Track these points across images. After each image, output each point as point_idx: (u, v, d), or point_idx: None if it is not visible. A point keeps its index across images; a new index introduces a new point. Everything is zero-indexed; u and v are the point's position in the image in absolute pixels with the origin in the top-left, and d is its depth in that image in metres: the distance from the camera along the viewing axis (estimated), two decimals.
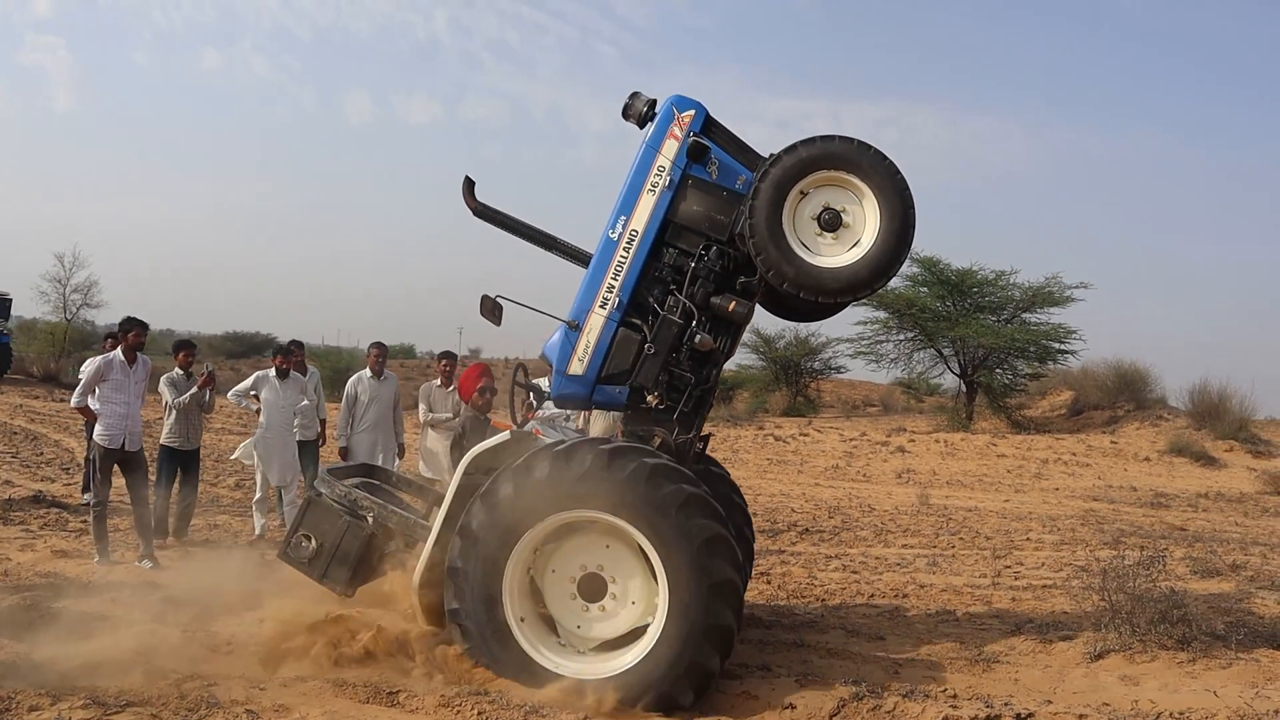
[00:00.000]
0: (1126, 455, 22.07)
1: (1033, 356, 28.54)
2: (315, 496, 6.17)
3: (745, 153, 5.86)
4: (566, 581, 5.36)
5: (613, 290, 5.71)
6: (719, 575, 5.02)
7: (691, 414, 5.83)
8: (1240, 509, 16.36)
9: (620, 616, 5.31)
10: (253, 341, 51.91)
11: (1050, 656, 6.38)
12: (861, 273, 5.51)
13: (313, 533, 6.02)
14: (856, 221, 5.60)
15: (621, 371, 5.74)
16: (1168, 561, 9.88)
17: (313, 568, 6.04)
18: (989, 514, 14.34)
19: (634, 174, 5.77)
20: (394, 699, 5.16)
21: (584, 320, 5.73)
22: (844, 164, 5.51)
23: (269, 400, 9.51)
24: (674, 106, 5.77)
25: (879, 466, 20.40)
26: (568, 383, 5.79)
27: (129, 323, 8.51)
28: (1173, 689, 5.64)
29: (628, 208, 5.75)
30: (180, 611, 6.67)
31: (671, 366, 5.74)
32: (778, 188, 5.49)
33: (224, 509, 11.30)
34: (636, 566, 5.28)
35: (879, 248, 5.50)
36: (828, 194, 5.63)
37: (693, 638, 4.99)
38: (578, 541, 5.36)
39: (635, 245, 5.72)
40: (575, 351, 5.73)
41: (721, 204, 5.76)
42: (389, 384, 10.31)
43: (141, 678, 5.28)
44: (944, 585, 8.69)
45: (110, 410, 8.33)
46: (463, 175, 6.22)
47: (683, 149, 5.70)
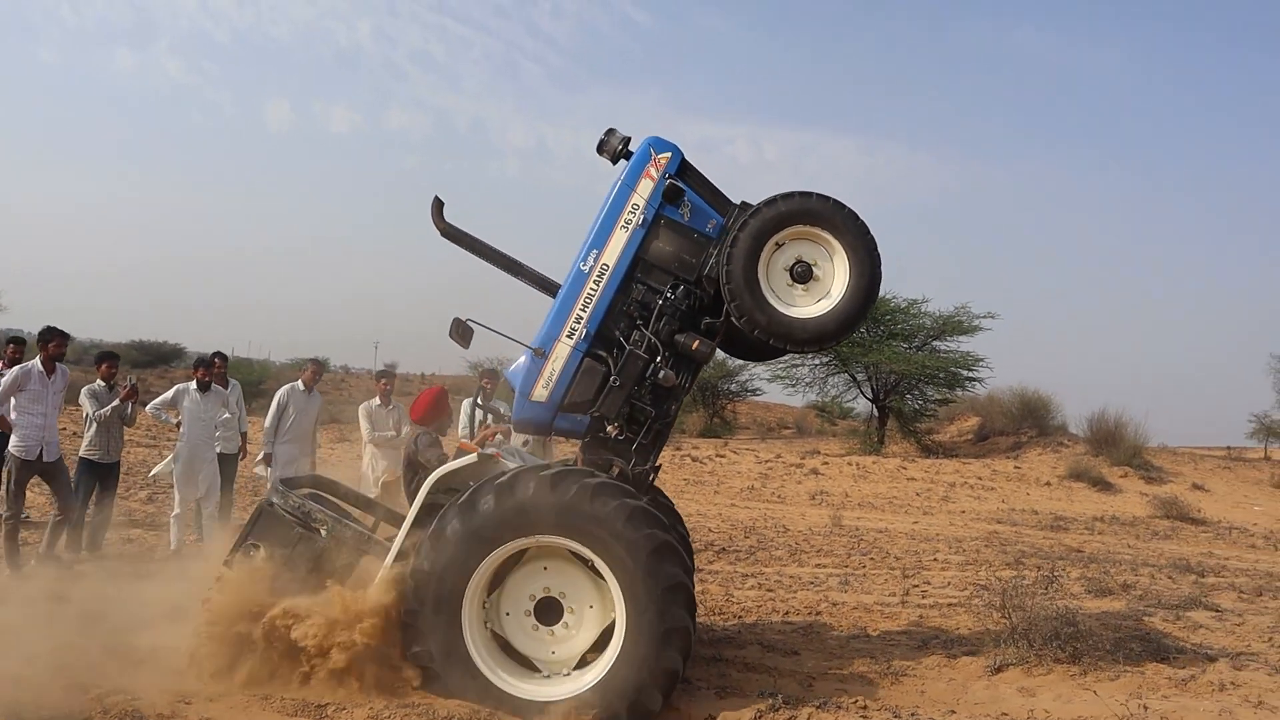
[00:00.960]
0: (1029, 480, 22.84)
1: (942, 383, 29.29)
2: (268, 506, 6.14)
3: (717, 197, 6.07)
4: (523, 617, 5.53)
5: (580, 321, 5.86)
6: (670, 580, 5.22)
7: (649, 446, 5.99)
8: (1133, 532, 17.12)
9: (585, 624, 5.50)
10: (160, 351, 50.33)
11: (954, 670, 6.70)
12: (829, 325, 5.79)
13: (262, 542, 6.01)
14: (826, 275, 5.88)
15: (584, 400, 5.88)
16: (1064, 581, 10.39)
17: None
18: (899, 535, 14.78)
19: (608, 209, 5.94)
20: (322, 712, 5.24)
21: (550, 348, 5.87)
22: (820, 220, 5.77)
23: (190, 413, 9.43)
24: (651, 147, 5.96)
25: (793, 488, 20.80)
26: (530, 408, 5.92)
27: (49, 332, 8.38)
28: (1066, 699, 6.00)
29: (600, 242, 5.91)
30: (98, 626, 6.60)
31: (634, 399, 5.90)
32: (756, 238, 5.72)
33: (136, 523, 11.12)
34: (578, 574, 5.49)
35: (846, 302, 5.78)
36: (801, 247, 5.90)
37: (654, 643, 5.18)
38: (517, 576, 5.54)
39: (605, 279, 5.88)
40: (540, 378, 5.87)
41: (692, 245, 5.96)
42: (316, 400, 10.40)
43: (61, 693, 5.26)
44: (855, 603, 9.00)
45: (27, 421, 8.17)
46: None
47: (658, 189, 5.89)
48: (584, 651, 5.48)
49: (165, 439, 20.02)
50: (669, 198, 5.92)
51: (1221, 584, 11.20)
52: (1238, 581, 11.42)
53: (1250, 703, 6.01)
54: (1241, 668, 6.82)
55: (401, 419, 10.46)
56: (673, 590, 5.22)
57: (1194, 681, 6.41)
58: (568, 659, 5.49)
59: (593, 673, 5.31)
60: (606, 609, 5.44)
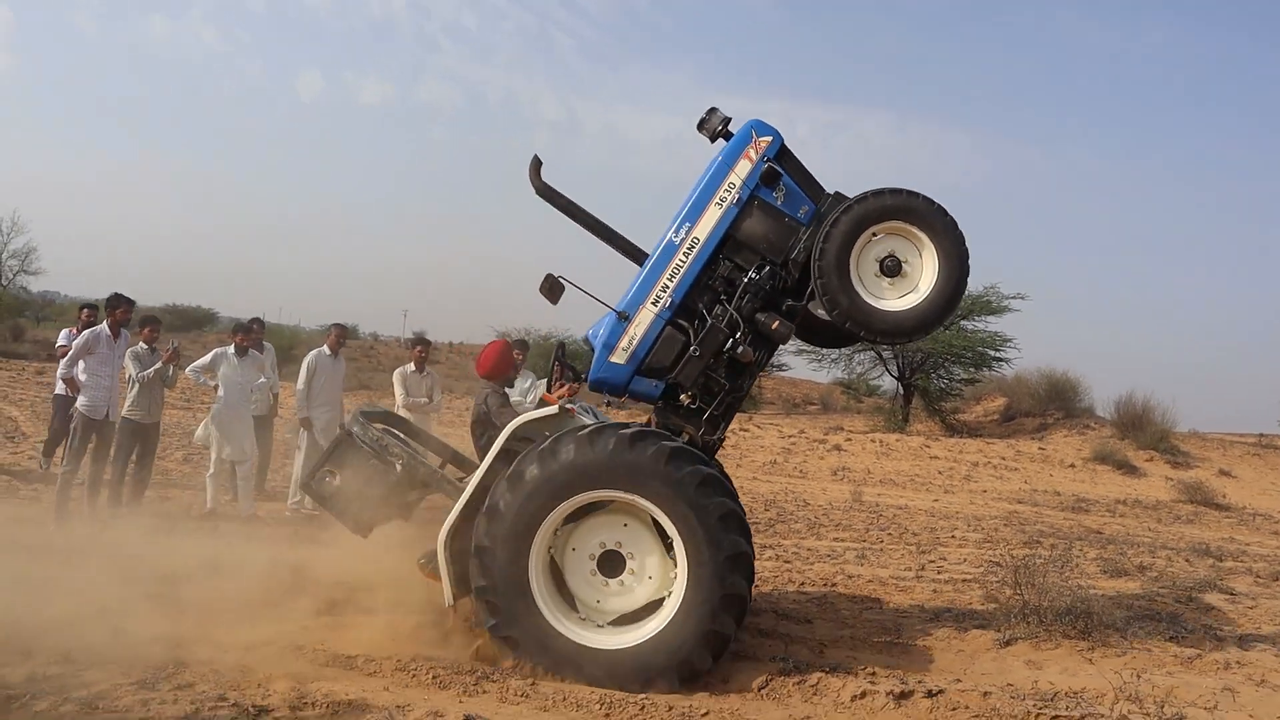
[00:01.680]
0: (1053, 461, 22.86)
1: (969, 363, 29.28)
2: (346, 436, 6.32)
3: (811, 184, 6.24)
4: (586, 559, 5.72)
5: (666, 290, 6.04)
6: (734, 548, 5.46)
7: (719, 417, 6.19)
8: (1154, 515, 17.16)
9: (637, 591, 5.70)
10: (194, 315, 50.98)
11: (964, 642, 6.86)
12: (907, 321, 5.97)
13: (339, 470, 6.22)
14: (914, 273, 6.04)
15: (662, 367, 6.07)
16: (1080, 561, 10.53)
17: (332, 503, 6.25)
18: (918, 512, 14.92)
19: (704, 185, 6.11)
20: (352, 662, 5.49)
21: (634, 313, 6.05)
22: (919, 220, 5.95)
23: (227, 377, 9.70)
24: (753, 130, 6.12)
25: (815, 463, 20.94)
26: (608, 369, 6.10)
27: (116, 299, 8.75)
28: (1071, 673, 6.15)
29: (693, 216, 6.08)
30: (139, 577, 6.88)
31: (710, 371, 6.10)
32: (855, 226, 5.88)
33: (173, 482, 11.45)
34: (653, 544, 5.69)
35: (930, 302, 5.96)
36: (895, 243, 6.06)
37: (711, 606, 5.41)
38: (596, 521, 5.74)
39: (695, 252, 6.05)
40: (621, 341, 6.05)
41: (782, 228, 6.13)
42: (341, 364, 10.64)
43: (108, 637, 5.53)
44: (871, 576, 9.17)
45: (95, 383, 8.59)
46: (522, 155, 6.45)
47: (755, 171, 6.06)
48: (623, 613, 5.69)
49: (199, 401, 20.43)
50: (766, 180, 6.08)
51: (1239, 568, 11.28)
52: (1255, 566, 11.49)
53: (1253, 681, 6.14)
54: (1249, 648, 6.95)
55: (435, 386, 10.71)
56: (735, 559, 5.45)
57: (1199, 660, 6.55)
58: (608, 612, 5.70)
59: (650, 626, 5.52)
60: (661, 587, 5.66)
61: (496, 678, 5.36)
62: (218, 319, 50.81)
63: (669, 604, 5.53)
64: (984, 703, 5.36)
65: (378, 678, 5.34)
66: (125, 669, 5.10)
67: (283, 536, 8.92)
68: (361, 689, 5.10)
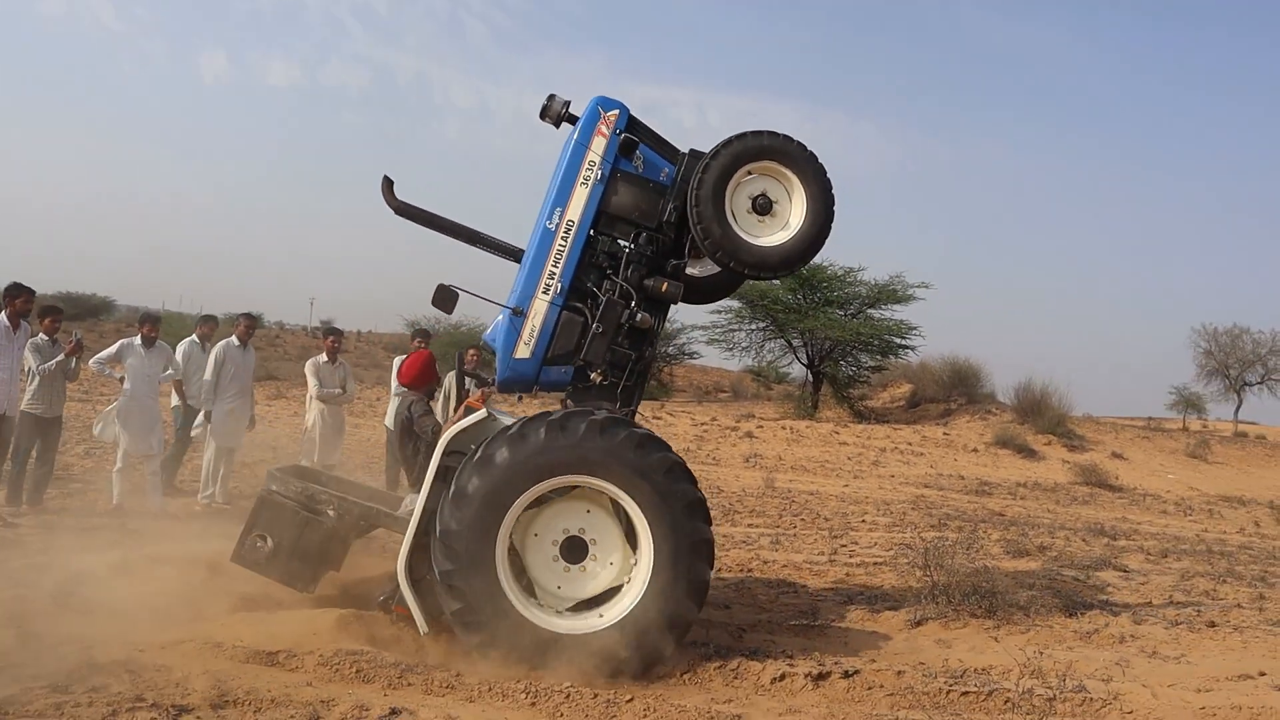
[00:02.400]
0: (957, 446, 23.54)
1: (875, 350, 29.94)
2: (267, 494, 6.16)
3: (665, 147, 6.40)
4: (549, 545, 5.74)
5: (554, 277, 6.12)
6: (699, 535, 5.59)
7: (633, 388, 6.33)
8: (1053, 497, 17.85)
9: (600, 576, 5.74)
10: (89, 304, 49.09)
11: (877, 623, 7.08)
12: (772, 256, 6.17)
13: (268, 532, 6.04)
14: (783, 212, 6.26)
15: (566, 353, 6.17)
16: (984, 543, 10.92)
17: (272, 568, 6.05)
18: (829, 497, 15.26)
19: (565, 169, 6.19)
20: (273, 658, 5.42)
21: (528, 306, 6.10)
22: (791, 162, 6.17)
23: (134, 368, 9.42)
24: (599, 106, 6.23)
25: (728, 450, 21.21)
26: (514, 365, 6.15)
27: (16, 288, 8.38)
28: (979, 650, 6.41)
29: (562, 200, 6.17)
30: (44, 578, 6.68)
31: (614, 345, 6.19)
32: (734, 161, 6.08)
33: (75, 477, 11.10)
34: (615, 531, 5.75)
35: (796, 241, 6.18)
36: (766, 183, 6.27)
37: (676, 591, 5.51)
38: (559, 506, 5.76)
39: (572, 234, 6.15)
40: (521, 336, 6.10)
41: (648, 194, 6.29)
42: (251, 355, 10.46)
43: (14, 640, 5.37)
44: (785, 561, 9.37)
45: None
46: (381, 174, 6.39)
47: (611, 145, 6.18)
48: (582, 599, 5.74)
49: (100, 394, 19.78)
50: (624, 151, 6.22)
51: (1131, 546, 11.82)
52: (1146, 545, 12.04)
53: (1145, 653, 6.48)
54: (1141, 622, 7.31)
55: (347, 376, 10.61)
56: (699, 545, 5.58)
57: (1097, 634, 6.88)
58: (567, 599, 5.74)
59: (615, 610, 5.58)
60: (622, 573, 5.72)
61: (420, 670, 5.35)
62: (114, 307, 49.08)
63: (631, 589, 5.61)
64: (898, 681, 5.56)
65: (300, 673, 5.28)
66: (35, 673, 4.96)
67: (194, 532, 8.73)
68: (284, 685, 5.05)
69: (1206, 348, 41.15)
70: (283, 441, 15.85)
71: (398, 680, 5.23)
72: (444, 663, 5.48)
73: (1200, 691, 5.65)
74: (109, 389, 18.21)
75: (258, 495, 6.34)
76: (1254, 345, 40.53)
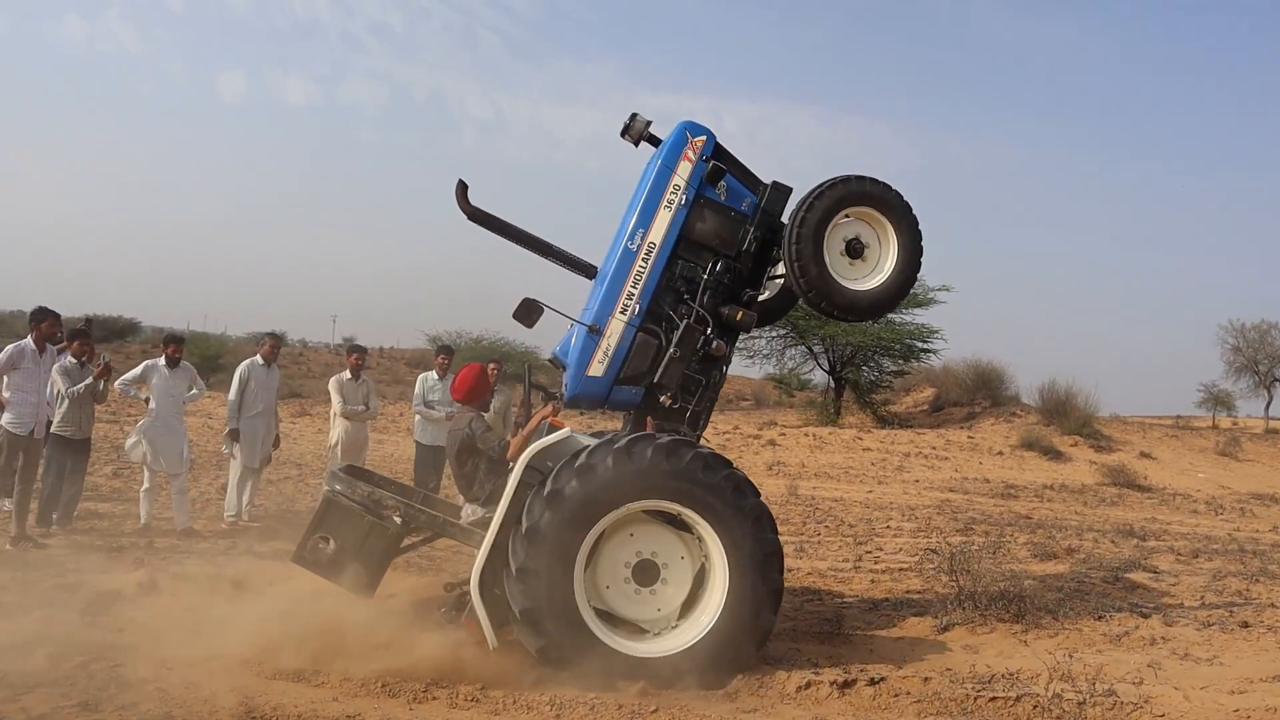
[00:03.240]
0: (982, 449, 23.38)
1: (897, 355, 29.78)
2: (333, 496, 6.15)
3: (748, 177, 6.47)
4: (623, 584, 5.82)
5: (632, 298, 6.17)
6: (770, 546, 5.72)
7: (700, 413, 6.36)
8: (1080, 499, 17.68)
9: (684, 575, 5.84)
10: (115, 325, 49.61)
11: (902, 630, 7.05)
12: (862, 300, 6.32)
13: (332, 534, 6.02)
14: (874, 257, 6.38)
15: (638, 374, 6.22)
16: (1011, 546, 10.83)
17: (332, 570, 6.03)
18: (853, 504, 15.19)
19: (649, 191, 6.24)
20: (299, 674, 5.45)
21: (605, 325, 6.15)
22: (889, 210, 6.29)
23: (159, 388, 9.51)
24: (687, 131, 6.28)
25: (751, 459, 21.15)
26: (587, 383, 6.19)
27: (42, 313, 8.51)
28: (1007, 655, 6.36)
29: (645, 221, 6.22)
30: (74, 597, 6.75)
31: (685, 370, 6.24)
32: (837, 203, 6.18)
33: (104, 498, 11.20)
34: (662, 530, 5.86)
35: (885, 287, 6.31)
36: (860, 227, 6.38)
37: (755, 603, 5.64)
38: (609, 548, 5.81)
39: (653, 257, 6.21)
40: (595, 354, 6.14)
41: (730, 223, 6.36)
42: (275, 374, 10.54)
43: (45, 660, 5.41)
44: (810, 569, 9.34)
45: (22, 399, 8.34)
46: (456, 178, 6.39)
47: (697, 171, 6.24)
48: (680, 604, 5.82)
49: (127, 415, 19.96)
50: (710, 179, 6.28)
51: (1161, 547, 11.69)
52: (1177, 545, 11.91)
53: (1177, 655, 6.41)
54: (1172, 624, 7.23)
55: (370, 393, 10.67)
56: (772, 556, 5.74)
57: (1127, 637, 6.82)
58: (671, 614, 5.82)
59: (696, 629, 5.66)
60: (694, 561, 5.82)
61: (446, 684, 5.37)
62: (141, 328, 49.59)
63: (710, 603, 5.68)
64: (924, 688, 5.52)
65: (326, 688, 5.31)
66: (65, 691, 5.01)
67: (221, 550, 8.80)
68: (310, 700, 5.08)
69: (1234, 344, 40.79)
70: (307, 459, 15.97)
71: (422, 694, 5.25)
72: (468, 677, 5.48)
73: (1234, 693, 5.58)
74: (137, 410, 18.35)
75: (322, 495, 6.33)
76: None
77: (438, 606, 6.23)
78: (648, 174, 6.34)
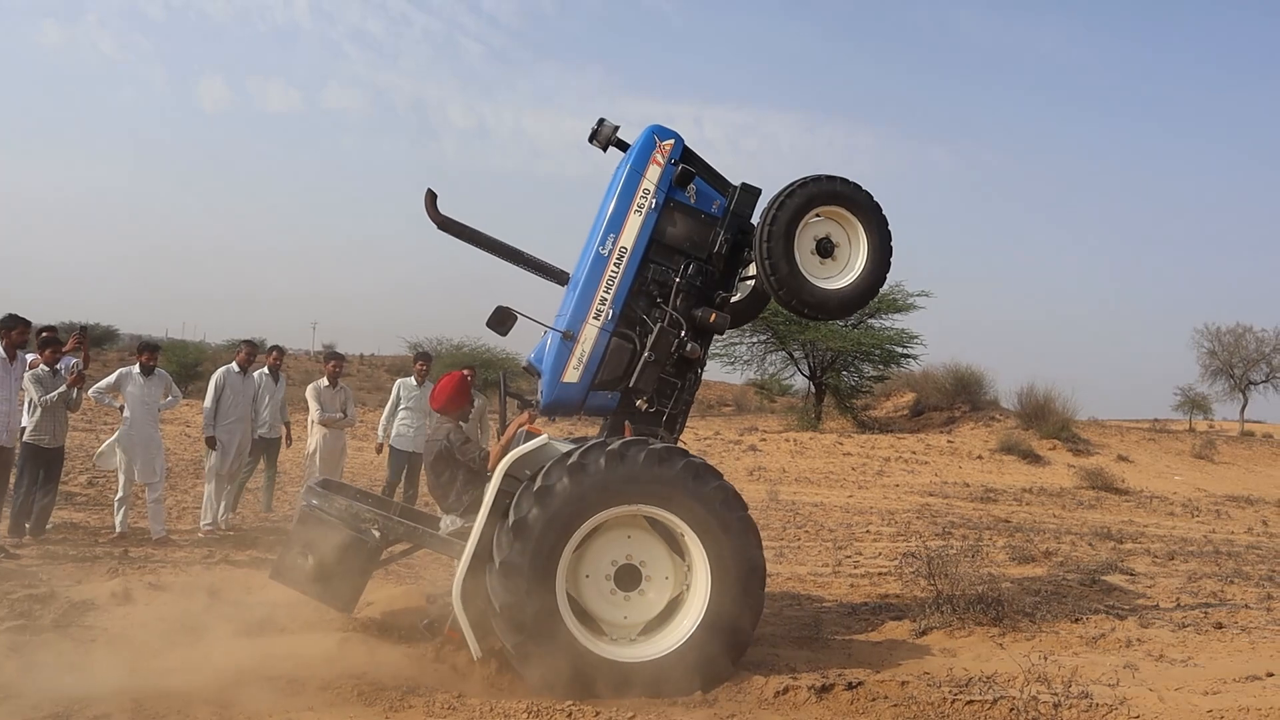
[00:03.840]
0: (961, 454, 23.49)
1: (877, 360, 29.93)
2: (309, 510, 6.09)
3: (717, 179, 6.48)
4: (602, 580, 5.77)
5: (605, 302, 6.15)
6: (754, 560, 5.69)
7: (676, 416, 6.35)
8: (1059, 502, 17.79)
9: (661, 594, 5.79)
10: (92, 334, 49.15)
11: (881, 634, 7.06)
12: (831, 299, 6.33)
13: (310, 549, 5.94)
14: (844, 257, 6.42)
15: (614, 379, 6.19)
16: (990, 550, 10.88)
17: (311, 586, 5.95)
18: (833, 509, 15.22)
19: (619, 195, 6.22)
20: (274, 683, 5.34)
21: (578, 331, 6.11)
22: (860, 210, 6.33)
23: (133, 396, 9.44)
24: (655, 135, 6.28)
25: (732, 464, 21.16)
26: (561, 389, 6.16)
27: (11, 320, 8.41)
28: (984, 659, 6.38)
29: (616, 226, 6.19)
30: (46, 608, 6.67)
31: (660, 373, 6.22)
32: (808, 202, 6.20)
33: (79, 507, 11.10)
34: (658, 545, 5.82)
35: (855, 286, 6.35)
36: (831, 226, 6.41)
37: (733, 614, 5.61)
38: (602, 541, 5.77)
39: (625, 261, 6.18)
40: (570, 360, 6.12)
41: (700, 225, 6.36)
42: (251, 381, 10.48)
43: (17, 671, 5.35)
44: (789, 574, 9.34)
45: None
46: (425, 187, 6.37)
47: (666, 174, 6.24)
48: (650, 619, 5.78)
49: (103, 422, 19.81)
50: (679, 182, 6.27)
51: (1138, 550, 11.78)
52: (1153, 547, 12.00)
53: (1152, 656, 6.45)
54: (1148, 625, 7.28)
55: (348, 400, 10.63)
56: (755, 570, 5.71)
57: (1103, 639, 6.85)
58: (638, 624, 5.78)
59: (674, 636, 5.63)
60: (678, 583, 5.78)
61: (423, 692, 5.33)
62: (118, 336, 49.23)
63: (689, 614, 5.66)
64: (902, 692, 5.53)
65: (302, 697, 5.26)
66: (36, 703, 4.95)
67: (196, 559, 8.73)
68: (285, 709, 5.03)
69: (1210, 347, 41.07)
70: (285, 466, 15.85)
71: (399, 703, 5.20)
72: (444, 685, 5.46)
73: (1208, 694, 5.61)
74: (113, 418, 18.23)
75: (298, 510, 6.26)
76: (1258, 344, 40.44)
77: (419, 620, 6.18)
78: (617, 178, 6.33)
